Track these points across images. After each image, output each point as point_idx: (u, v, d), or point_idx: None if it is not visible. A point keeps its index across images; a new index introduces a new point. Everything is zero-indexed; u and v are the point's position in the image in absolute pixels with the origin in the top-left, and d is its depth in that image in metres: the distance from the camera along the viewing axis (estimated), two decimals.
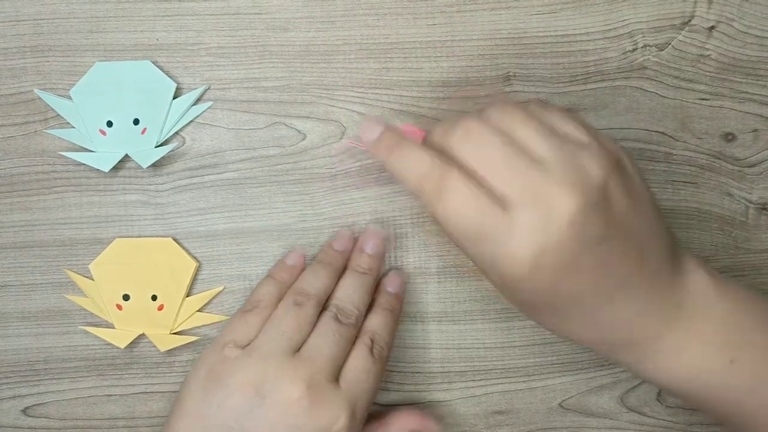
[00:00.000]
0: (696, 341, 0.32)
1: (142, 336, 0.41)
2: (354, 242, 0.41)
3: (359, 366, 0.35)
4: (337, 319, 0.36)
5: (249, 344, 0.35)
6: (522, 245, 0.28)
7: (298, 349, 0.35)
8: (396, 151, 0.31)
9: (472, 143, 0.29)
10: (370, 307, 0.39)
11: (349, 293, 0.38)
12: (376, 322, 0.38)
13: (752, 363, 0.32)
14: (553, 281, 0.29)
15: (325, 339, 0.35)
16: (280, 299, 0.38)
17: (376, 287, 0.40)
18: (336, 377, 0.35)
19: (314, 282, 0.38)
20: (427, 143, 0.32)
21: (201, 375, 0.35)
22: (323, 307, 0.37)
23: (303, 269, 0.40)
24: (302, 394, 0.33)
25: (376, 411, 0.40)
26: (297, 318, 0.36)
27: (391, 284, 0.40)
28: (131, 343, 0.41)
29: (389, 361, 0.40)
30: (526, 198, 0.28)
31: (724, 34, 0.41)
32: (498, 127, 0.30)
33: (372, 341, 0.36)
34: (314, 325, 0.36)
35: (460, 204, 0.29)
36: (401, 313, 0.40)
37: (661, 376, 0.33)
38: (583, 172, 0.28)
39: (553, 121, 0.30)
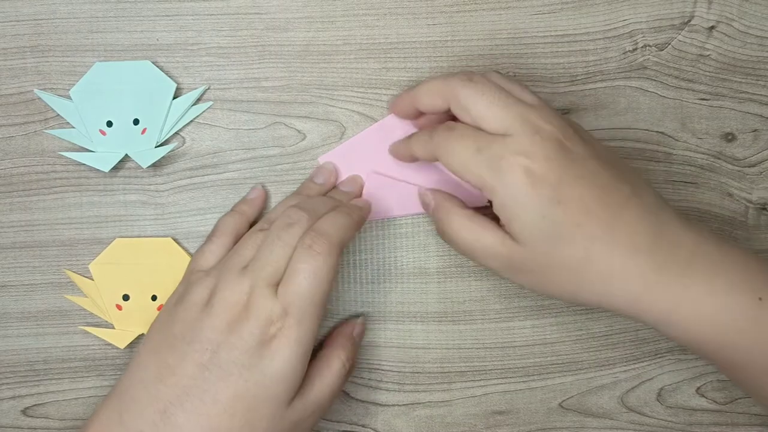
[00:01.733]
0: (721, 287, 0.33)
1: (142, 336, 0.41)
2: (336, 176, 0.41)
3: (296, 268, 0.34)
4: (285, 227, 0.35)
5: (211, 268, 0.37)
6: (519, 156, 0.33)
7: None
8: (405, 141, 0.39)
9: (449, 130, 0.35)
10: None
11: (305, 202, 0.37)
12: (322, 220, 0.36)
13: None
14: (554, 186, 0.32)
15: (270, 247, 0.35)
16: (239, 229, 0.39)
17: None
18: (276, 284, 0.34)
19: (279, 209, 0.39)
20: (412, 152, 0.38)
21: (171, 303, 0.37)
22: None
23: (264, 202, 0.41)
24: (240, 301, 0.34)
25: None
26: (256, 240, 0.36)
27: (345, 184, 0.40)
28: (131, 343, 0.41)
29: (387, 376, 0.40)
30: (515, 127, 0.33)
31: (724, 34, 0.41)
32: (464, 132, 0.35)
33: (313, 238, 0.34)
34: None
35: (457, 225, 0.36)
36: (362, 212, 0.38)
37: (692, 332, 0.33)
38: (537, 128, 0.33)
39: (503, 83, 0.36)
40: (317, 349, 0.37)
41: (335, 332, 0.40)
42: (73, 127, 0.40)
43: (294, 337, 0.33)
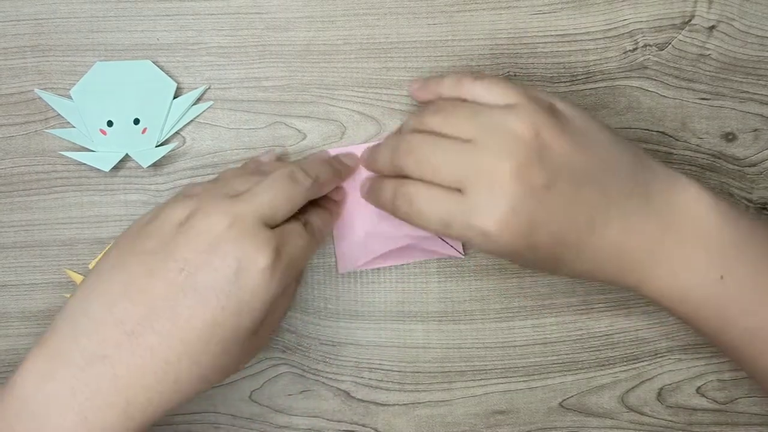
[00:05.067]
0: (686, 257, 0.33)
1: None
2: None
3: (292, 227, 0.34)
4: (291, 177, 0.35)
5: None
6: (484, 218, 0.32)
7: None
8: (371, 189, 0.37)
9: (413, 155, 0.34)
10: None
11: (315, 165, 0.37)
12: (312, 211, 0.37)
13: (742, 279, 0.33)
14: (526, 236, 0.32)
15: (270, 188, 0.34)
16: None
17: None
18: (267, 224, 0.33)
19: (276, 162, 0.38)
20: (379, 165, 0.37)
21: (144, 219, 0.34)
22: None
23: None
24: (228, 226, 0.32)
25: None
26: (247, 181, 0.35)
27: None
28: None
29: (387, 376, 0.40)
30: (470, 178, 0.32)
31: (724, 33, 0.41)
32: (428, 129, 0.34)
33: (305, 223, 0.35)
34: None
35: (425, 205, 0.33)
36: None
37: (659, 295, 0.34)
38: (511, 134, 0.32)
39: (477, 96, 0.34)
40: None
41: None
42: (74, 127, 0.40)
43: (280, 280, 0.32)
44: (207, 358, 0.31)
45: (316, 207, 0.38)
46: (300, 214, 0.35)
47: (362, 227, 0.39)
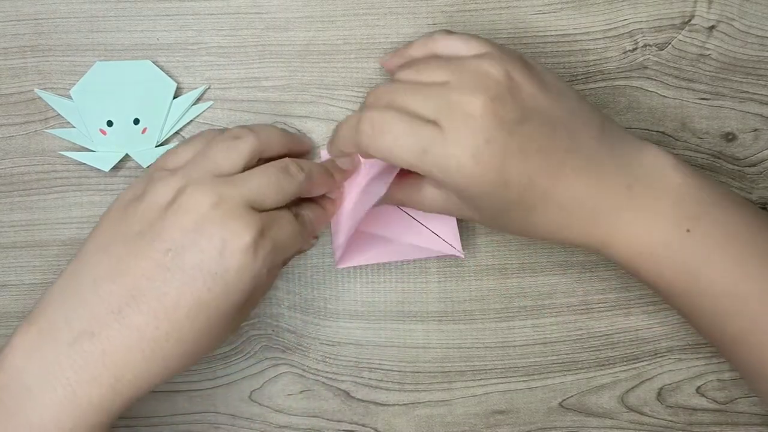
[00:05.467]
0: (653, 213, 0.34)
1: None
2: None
3: (281, 213, 0.34)
4: (284, 170, 0.35)
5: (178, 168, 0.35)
6: (458, 148, 0.32)
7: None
8: (336, 133, 0.37)
9: (394, 93, 0.34)
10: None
11: (310, 163, 0.37)
12: (308, 207, 0.37)
13: (707, 234, 0.34)
14: (499, 169, 0.33)
15: (261, 174, 0.34)
16: None
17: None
18: (254, 208, 0.33)
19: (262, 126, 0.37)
20: (344, 139, 0.36)
21: (126, 198, 0.35)
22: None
23: (269, 140, 0.38)
24: (213, 206, 0.32)
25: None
26: (231, 148, 0.35)
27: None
28: None
29: (387, 376, 0.40)
30: (445, 112, 0.33)
31: (724, 33, 0.41)
32: (410, 78, 0.35)
33: (296, 214, 0.36)
34: (248, 168, 0.35)
35: (400, 131, 0.33)
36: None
37: (626, 255, 0.35)
38: (484, 74, 0.33)
39: (451, 47, 0.35)
40: None
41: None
42: (74, 127, 0.40)
43: (266, 249, 0.33)
44: (193, 335, 0.32)
45: (310, 202, 0.38)
46: (292, 205, 0.36)
47: (360, 221, 0.39)
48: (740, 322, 0.34)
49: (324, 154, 0.41)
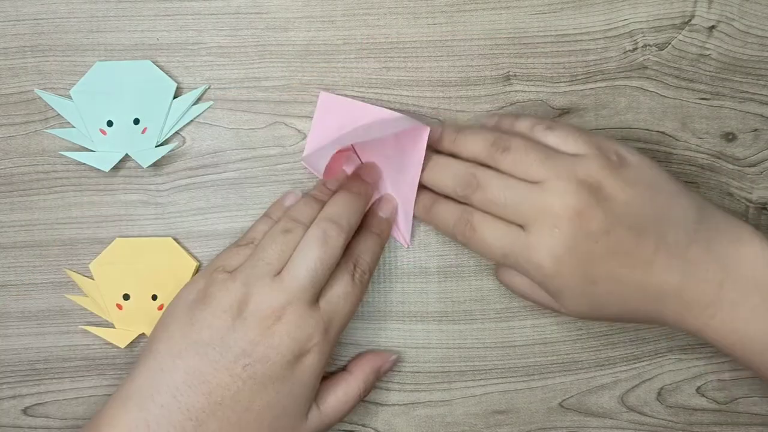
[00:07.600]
0: (747, 305, 0.34)
1: (142, 336, 0.41)
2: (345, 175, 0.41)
3: (339, 291, 0.36)
4: (323, 241, 0.36)
5: (235, 269, 0.36)
6: (541, 252, 0.35)
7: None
8: (432, 210, 0.39)
9: (482, 192, 0.36)
10: (358, 231, 0.39)
11: (339, 210, 0.37)
12: (363, 246, 0.38)
13: None
14: (581, 270, 0.34)
15: (307, 260, 0.35)
16: None
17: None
18: (316, 298, 0.36)
19: (305, 210, 0.38)
20: (446, 189, 0.38)
21: (189, 298, 0.36)
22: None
23: None
24: (275, 314, 0.34)
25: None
26: (282, 243, 0.36)
27: (382, 209, 0.40)
28: (131, 342, 0.41)
29: (387, 376, 0.40)
30: (533, 217, 0.35)
31: (724, 33, 0.41)
32: (507, 168, 0.36)
33: (354, 266, 0.37)
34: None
35: (488, 235, 0.36)
36: (388, 239, 0.41)
37: (722, 342, 0.35)
38: (576, 181, 0.34)
39: (549, 144, 0.37)
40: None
41: (364, 360, 0.40)
42: (74, 127, 0.40)
43: (326, 351, 0.36)
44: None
45: (366, 234, 0.39)
46: (349, 250, 0.37)
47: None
48: None
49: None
